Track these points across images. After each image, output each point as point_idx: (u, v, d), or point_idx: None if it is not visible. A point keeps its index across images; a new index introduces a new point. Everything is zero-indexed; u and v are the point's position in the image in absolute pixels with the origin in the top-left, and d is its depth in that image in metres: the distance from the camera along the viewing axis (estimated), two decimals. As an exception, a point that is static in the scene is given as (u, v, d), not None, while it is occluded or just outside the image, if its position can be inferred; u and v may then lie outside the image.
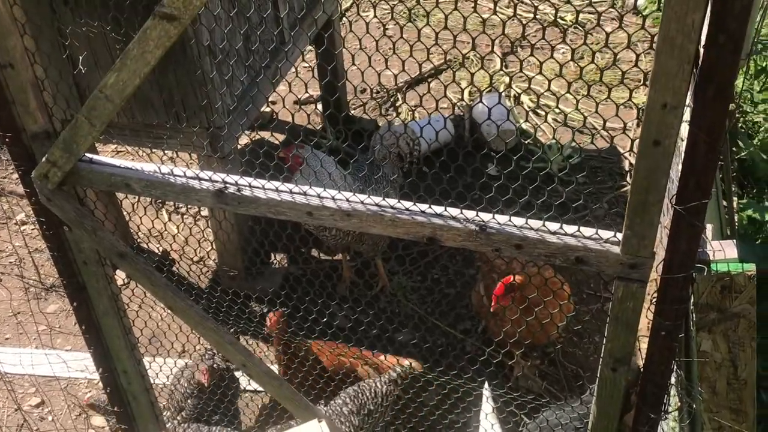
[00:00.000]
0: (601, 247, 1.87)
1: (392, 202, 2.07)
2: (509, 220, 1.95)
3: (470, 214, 1.99)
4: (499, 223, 1.95)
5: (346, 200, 2.11)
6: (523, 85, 6.34)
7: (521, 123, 6.11)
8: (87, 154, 2.38)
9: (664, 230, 1.78)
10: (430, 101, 6.23)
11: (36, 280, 5.23)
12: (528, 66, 6.51)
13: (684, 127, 1.59)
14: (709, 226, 2.11)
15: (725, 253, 2.12)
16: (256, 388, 4.30)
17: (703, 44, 1.47)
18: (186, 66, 3.81)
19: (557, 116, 6.06)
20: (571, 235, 1.90)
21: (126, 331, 2.94)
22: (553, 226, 1.92)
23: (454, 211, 2.00)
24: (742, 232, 4.76)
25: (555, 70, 5.07)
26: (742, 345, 2.21)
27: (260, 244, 4.99)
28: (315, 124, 6.35)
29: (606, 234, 1.88)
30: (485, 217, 1.97)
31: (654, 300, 1.86)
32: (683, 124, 1.58)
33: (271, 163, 2.41)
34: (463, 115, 6.13)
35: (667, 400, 2.07)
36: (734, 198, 4.79)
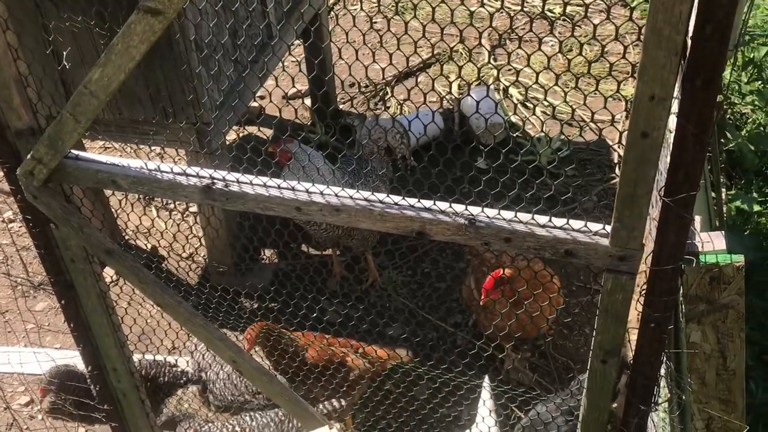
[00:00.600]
0: (590, 240, 1.87)
1: (381, 196, 2.06)
2: (498, 214, 1.95)
3: (459, 207, 1.98)
4: (488, 217, 1.95)
5: (335, 195, 2.10)
6: (512, 78, 6.34)
7: (510, 116, 6.11)
8: (73, 151, 2.35)
9: (653, 222, 1.78)
10: (419, 95, 6.22)
11: (24, 278, 5.20)
12: (516, 59, 6.51)
13: (672, 119, 1.58)
14: (698, 218, 2.11)
15: (714, 244, 2.12)
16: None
17: (690, 35, 1.47)
18: (172, 61, 3.79)
19: (546, 109, 6.07)
20: (561, 228, 1.90)
21: (115, 329, 2.92)
22: (542, 219, 1.91)
23: (443, 205, 2.00)
24: (731, 223, 4.78)
25: (543, 63, 5.06)
26: (731, 336, 2.21)
27: (249, 239, 4.97)
28: (303, 119, 6.33)
29: (595, 226, 1.88)
30: (474, 210, 1.97)
31: (643, 292, 1.86)
32: (671, 116, 1.58)
33: (258, 158, 2.39)
34: (452, 109, 6.12)
35: (657, 392, 2.08)
36: (722, 189, 4.81)
